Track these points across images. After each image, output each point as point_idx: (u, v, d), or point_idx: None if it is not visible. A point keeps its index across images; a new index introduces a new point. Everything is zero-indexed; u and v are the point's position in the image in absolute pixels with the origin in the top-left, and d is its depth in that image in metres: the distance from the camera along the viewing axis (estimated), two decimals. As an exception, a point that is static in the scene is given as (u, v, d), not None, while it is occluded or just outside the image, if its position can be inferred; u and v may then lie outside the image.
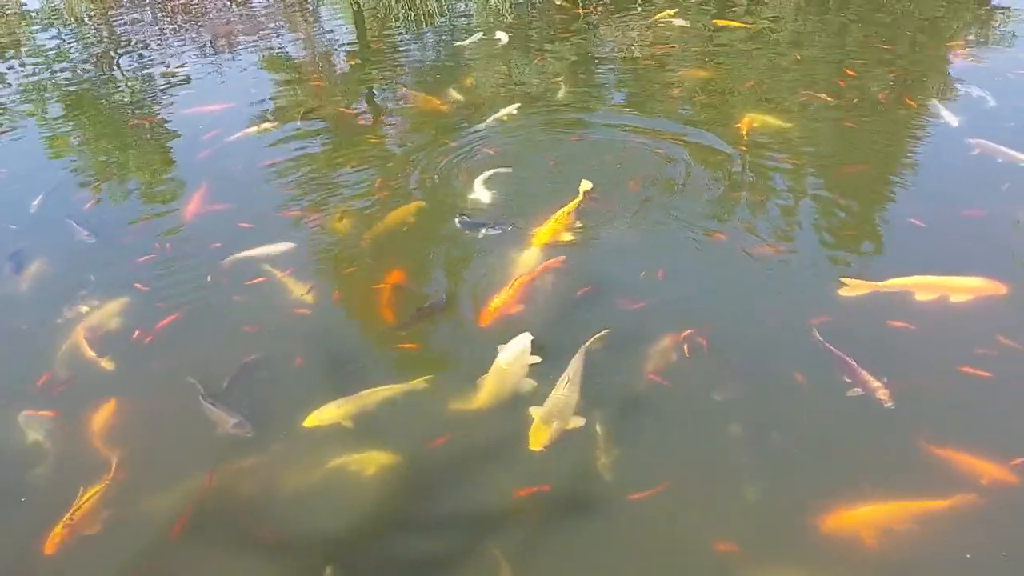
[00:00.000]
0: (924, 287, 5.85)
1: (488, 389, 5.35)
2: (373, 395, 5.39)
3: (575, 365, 5.27)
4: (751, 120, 8.64)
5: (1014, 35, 11.20)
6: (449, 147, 8.81)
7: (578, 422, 4.95)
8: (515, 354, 5.50)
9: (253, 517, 4.85)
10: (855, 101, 9.16)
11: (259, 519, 4.84)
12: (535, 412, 5.01)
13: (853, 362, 5.24)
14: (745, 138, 8.38)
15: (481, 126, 9.24)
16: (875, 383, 5.09)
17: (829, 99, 9.23)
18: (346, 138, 9.70)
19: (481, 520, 4.70)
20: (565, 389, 5.11)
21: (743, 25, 12.27)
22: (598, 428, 5.00)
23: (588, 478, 4.78)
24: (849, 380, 5.18)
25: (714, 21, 12.51)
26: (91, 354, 6.08)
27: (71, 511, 4.82)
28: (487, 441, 5.14)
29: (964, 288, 5.84)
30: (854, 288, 5.94)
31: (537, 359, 5.52)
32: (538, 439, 4.83)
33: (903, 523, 4.40)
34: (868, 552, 4.29)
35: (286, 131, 9.75)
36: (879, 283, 5.96)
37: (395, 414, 5.34)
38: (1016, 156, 7.54)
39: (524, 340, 5.58)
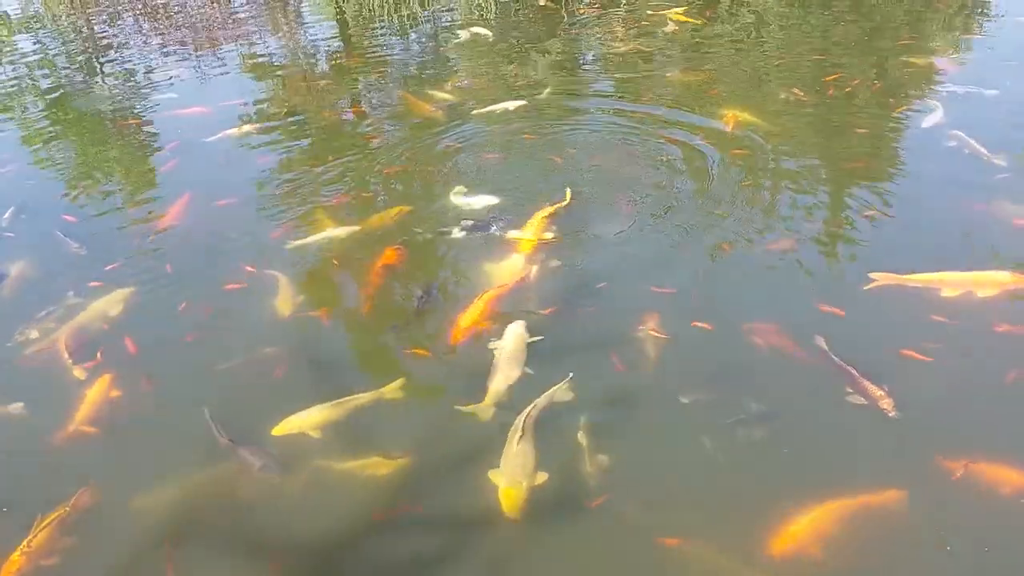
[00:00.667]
0: (951, 283, 5.45)
1: (493, 387, 4.96)
2: (347, 403, 4.93)
3: (529, 413, 4.61)
4: (735, 116, 8.22)
5: (997, 34, 10.88)
6: (435, 148, 8.37)
7: (543, 477, 4.32)
8: (511, 344, 5.18)
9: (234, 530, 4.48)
10: (838, 98, 8.82)
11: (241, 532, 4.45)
12: (497, 477, 4.35)
13: (854, 371, 4.79)
14: (730, 133, 7.98)
15: (469, 126, 8.81)
16: (877, 392, 4.64)
17: (808, 96, 8.89)
18: (330, 141, 9.14)
19: (454, 525, 4.34)
20: (521, 444, 4.43)
21: (696, 21, 11.96)
22: (580, 436, 4.58)
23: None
24: (850, 389, 4.73)
25: (669, 16, 12.06)
26: (67, 360, 5.61)
27: (28, 538, 4.31)
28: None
29: (991, 283, 5.44)
30: (881, 281, 5.53)
31: (539, 337, 5.25)
32: (512, 505, 4.21)
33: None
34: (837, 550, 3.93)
35: (268, 133, 9.26)
36: (907, 277, 5.56)
37: (383, 420, 4.92)
38: (980, 149, 7.20)
39: (517, 328, 5.31)
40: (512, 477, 4.32)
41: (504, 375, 5.00)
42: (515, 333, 5.29)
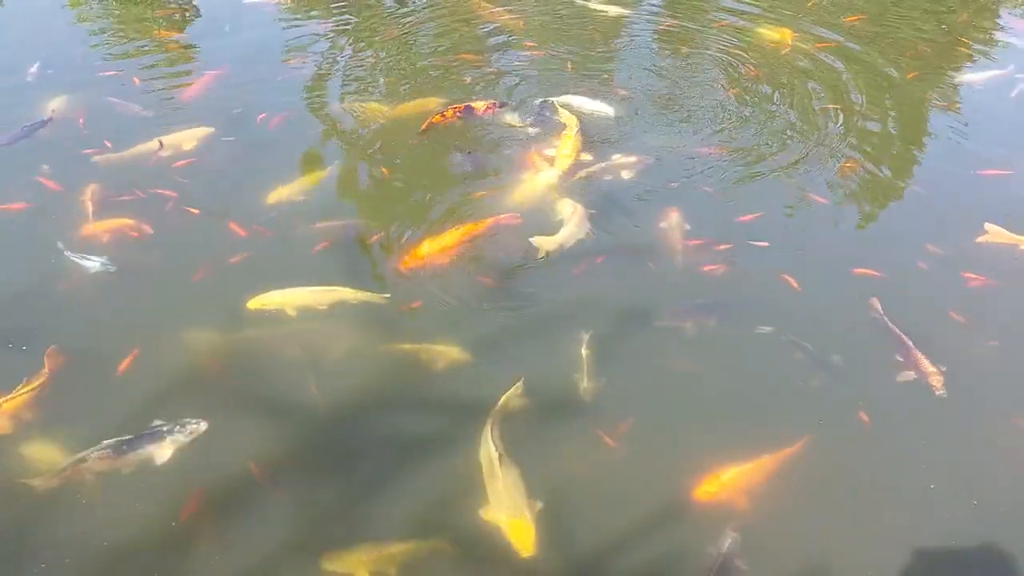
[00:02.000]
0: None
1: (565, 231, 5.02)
2: (329, 292, 4.65)
3: (493, 440, 3.89)
4: (790, 35, 7.50)
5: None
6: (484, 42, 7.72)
7: (536, 506, 3.66)
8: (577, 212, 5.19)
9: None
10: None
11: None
12: (492, 515, 3.67)
13: (910, 342, 4.31)
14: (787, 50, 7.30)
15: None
16: (930, 368, 4.17)
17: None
18: (372, 18, 8.25)
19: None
20: (504, 471, 3.76)
21: None
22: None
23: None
24: (901, 360, 4.28)
25: None
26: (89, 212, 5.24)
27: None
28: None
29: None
30: (994, 236, 4.96)
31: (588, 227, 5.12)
32: (526, 543, 3.55)
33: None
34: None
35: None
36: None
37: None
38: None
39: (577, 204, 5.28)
40: (513, 511, 3.66)
41: (575, 226, 5.07)
42: (576, 206, 5.24)
